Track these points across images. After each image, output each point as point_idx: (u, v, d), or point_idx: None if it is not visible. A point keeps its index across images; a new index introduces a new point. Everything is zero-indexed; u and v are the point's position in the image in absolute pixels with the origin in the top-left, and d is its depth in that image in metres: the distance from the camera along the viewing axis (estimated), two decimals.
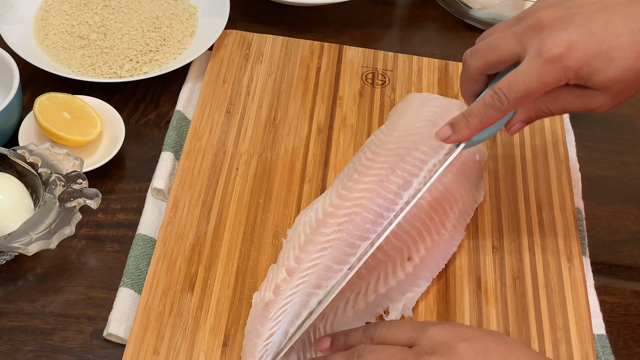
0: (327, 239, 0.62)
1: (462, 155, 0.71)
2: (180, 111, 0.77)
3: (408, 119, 0.72)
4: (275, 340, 0.57)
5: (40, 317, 0.62)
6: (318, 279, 0.60)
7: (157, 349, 0.59)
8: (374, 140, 0.71)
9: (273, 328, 0.58)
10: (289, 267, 0.61)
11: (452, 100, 0.75)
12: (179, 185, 0.69)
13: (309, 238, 0.62)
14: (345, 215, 0.63)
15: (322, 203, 0.66)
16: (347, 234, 0.62)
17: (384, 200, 0.64)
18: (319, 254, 0.61)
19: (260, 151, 0.73)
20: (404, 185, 0.65)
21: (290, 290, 0.59)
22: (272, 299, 0.59)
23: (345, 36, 0.91)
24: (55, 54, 0.80)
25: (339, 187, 0.66)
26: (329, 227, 0.62)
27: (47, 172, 0.64)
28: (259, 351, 0.57)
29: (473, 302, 0.64)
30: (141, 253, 0.66)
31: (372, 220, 0.63)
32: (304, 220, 0.65)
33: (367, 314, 0.61)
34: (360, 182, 0.66)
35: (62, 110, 0.72)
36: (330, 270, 0.60)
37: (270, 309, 0.58)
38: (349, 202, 0.64)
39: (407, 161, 0.67)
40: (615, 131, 0.83)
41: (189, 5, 0.88)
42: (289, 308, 0.58)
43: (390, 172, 0.66)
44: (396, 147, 0.68)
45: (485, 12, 0.91)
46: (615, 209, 0.76)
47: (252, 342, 0.58)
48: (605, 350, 0.64)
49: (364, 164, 0.67)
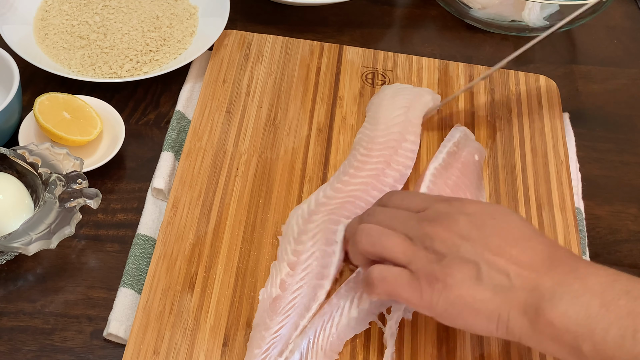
0: (317, 224, 0.64)
1: (462, 156, 0.71)
2: (180, 111, 0.77)
3: (386, 110, 0.74)
4: (283, 333, 0.58)
5: (40, 317, 0.62)
6: (320, 268, 0.61)
7: (157, 349, 0.59)
8: (363, 137, 0.73)
9: (282, 322, 0.59)
10: (289, 261, 0.62)
11: (423, 89, 0.78)
12: (179, 185, 0.69)
13: (301, 229, 0.64)
14: (337, 204, 0.65)
15: (315, 196, 0.67)
16: (335, 215, 0.64)
17: (379, 192, 0.66)
18: (312, 241, 0.63)
19: (260, 151, 0.73)
20: (400, 179, 0.68)
21: (296, 284, 0.60)
22: (280, 293, 0.60)
23: (345, 36, 0.91)
24: (55, 54, 0.80)
25: (335, 182, 0.68)
26: (320, 214, 0.64)
27: (47, 172, 0.64)
28: (266, 343, 0.58)
29: None
30: (141, 253, 0.66)
31: (363, 208, 0.65)
32: (297, 213, 0.66)
33: (370, 313, 0.61)
34: (356, 176, 0.68)
35: (62, 110, 0.72)
36: (326, 254, 0.61)
37: (278, 304, 0.59)
38: (343, 194, 0.66)
39: (400, 154, 0.70)
40: (615, 131, 0.83)
41: (189, 5, 0.88)
42: (297, 302, 0.59)
43: (386, 166, 0.68)
44: (386, 140, 0.71)
45: (485, 12, 0.91)
46: (615, 209, 0.76)
47: (260, 334, 0.58)
48: None
49: (360, 160, 0.69)
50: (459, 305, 0.52)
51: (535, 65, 0.89)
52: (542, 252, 0.52)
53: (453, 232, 0.53)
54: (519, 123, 0.78)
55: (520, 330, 0.51)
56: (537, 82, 0.83)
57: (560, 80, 0.86)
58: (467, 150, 0.72)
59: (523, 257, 0.52)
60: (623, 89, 0.88)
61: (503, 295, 0.51)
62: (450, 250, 0.53)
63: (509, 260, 0.52)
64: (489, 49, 0.91)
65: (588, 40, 0.94)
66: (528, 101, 0.81)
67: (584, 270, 0.51)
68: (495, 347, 0.61)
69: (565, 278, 0.50)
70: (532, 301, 0.50)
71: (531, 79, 0.83)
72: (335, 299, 0.61)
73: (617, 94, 0.88)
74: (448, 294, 0.52)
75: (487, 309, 0.51)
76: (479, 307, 0.52)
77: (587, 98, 0.87)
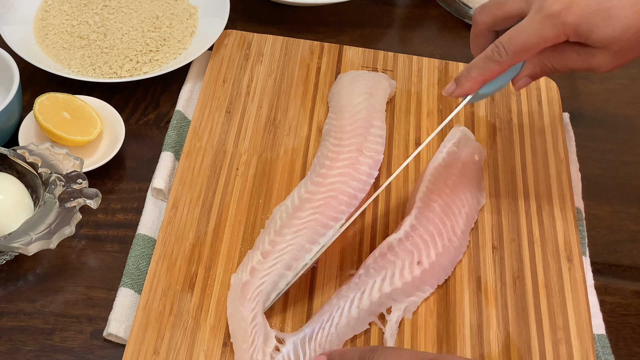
0: (302, 221, 0.64)
1: (462, 156, 0.71)
2: (180, 111, 0.77)
3: (347, 97, 0.75)
4: (259, 320, 0.59)
5: (40, 317, 0.62)
6: (290, 259, 0.62)
7: (157, 349, 0.59)
8: (330, 127, 0.74)
9: (254, 309, 0.59)
10: (264, 250, 0.63)
11: (379, 74, 0.79)
12: (179, 185, 0.69)
13: (285, 222, 0.65)
14: (321, 199, 0.66)
15: (297, 192, 0.68)
16: (322, 216, 0.65)
17: (358, 182, 0.67)
18: (294, 235, 0.63)
19: (260, 151, 0.73)
20: (374, 165, 0.69)
21: (265, 270, 0.61)
22: (249, 279, 0.61)
23: (345, 36, 0.91)
24: (55, 54, 0.80)
25: (313, 176, 0.69)
26: (305, 211, 0.65)
27: (47, 172, 0.64)
28: (249, 335, 0.58)
29: (473, 302, 0.64)
30: (141, 253, 0.66)
31: (347, 202, 0.66)
32: (281, 209, 0.67)
33: (370, 313, 0.61)
34: (333, 167, 0.69)
35: (62, 110, 0.72)
36: (303, 250, 0.63)
37: (247, 289, 0.60)
38: (324, 187, 0.67)
39: (369, 140, 0.71)
40: (615, 131, 0.83)
41: (189, 5, 0.88)
42: (263, 288, 0.61)
43: (359, 154, 0.69)
44: (354, 128, 0.72)
45: None
46: (615, 209, 0.76)
47: (239, 326, 0.59)
48: (605, 350, 0.64)
49: (333, 150, 0.70)
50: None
51: None
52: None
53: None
54: (519, 123, 0.78)
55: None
56: (536, 82, 0.83)
57: (560, 80, 0.86)
58: (467, 150, 0.72)
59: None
60: (623, 89, 0.88)
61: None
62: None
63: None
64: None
65: None
66: (528, 101, 0.81)
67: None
68: (495, 347, 0.61)
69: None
70: None
71: None
72: (335, 299, 0.61)
73: (617, 94, 0.88)
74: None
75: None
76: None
77: (587, 98, 0.87)
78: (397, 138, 0.76)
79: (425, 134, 0.76)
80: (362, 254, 0.66)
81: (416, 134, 0.77)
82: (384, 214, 0.70)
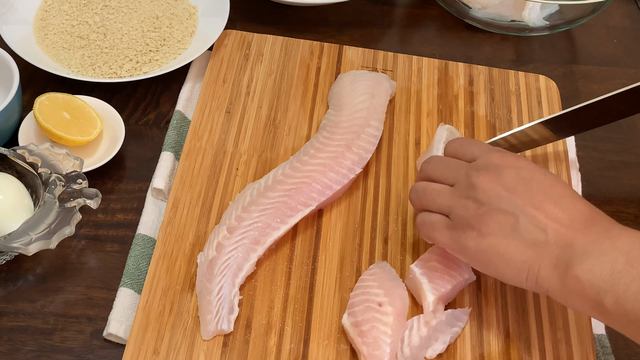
0: (271, 201, 0.65)
1: None
2: (180, 111, 0.77)
3: (348, 96, 0.75)
4: (225, 293, 0.60)
5: (40, 317, 0.62)
6: (258, 235, 0.63)
7: (157, 349, 0.59)
8: (327, 122, 0.73)
9: (220, 282, 0.60)
10: (230, 225, 0.63)
11: (380, 74, 0.79)
12: (179, 185, 0.69)
13: (253, 200, 0.65)
14: (294, 183, 0.66)
15: (273, 173, 0.68)
16: (291, 199, 0.65)
17: (336, 174, 0.68)
18: (261, 213, 0.64)
19: (260, 151, 0.73)
20: (359, 162, 0.69)
21: (231, 245, 0.62)
22: (215, 255, 0.62)
23: (345, 36, 0.91)
24: (55, 54, 0.80)
25: (294, 161, 0.69)
26: (275, 192, 0.66)
27: (47, 172, 0.64)
28: (214, 306, 0.59)
29: (473, 302, 0.64)
30: (141, 253, 0.66)
31: (319, 191, 0.67)
32: (253, 186, 0.67)
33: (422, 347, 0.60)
34: (315, 157, 0.69)
35: (62, 110, 0.72)
36: (269, 227, 0.63)
37: (214, 265, 0.61)
38: (300, 173, 0.67)
39: (362, 138, 0.71)
40: (615, 131, 0.83)
41: (189, 5, 0.88)
42: (231, 262, 0.61)
43: (346, 150, 0.69)
44: (350, 125, 0.72)
45: (485, 12, 0.91)
46: (615, 209, 0.76)
47: (206, 299, 0.60)
48: (605, 350, 0.64)
49: (322, 142, 0.70)
50: (490, 253, 0.55)
51: (535, 65, 0.89)
52: (581, 212, 0.54)
53: (497, 183, 0.56)
54: (519, 123, 0.78)
55: (549, 284, 0.53)
56: (536, 82, 0.83)
57: (560, 80, 0.86)
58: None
59: (563, 215, 0.54)
60: None
61: (537, 248, 0.54)
62: (490, 201, 0.56)
63: (549, 216, 0.54)
64: (488, 49, 0.91)
65: (588, 40, 0.94)
66: (528, 101, 0.81)
67: (617, 232, 0.53)
68: (495, 347, 0.62)
69: (598, 238, 0.52)
70: (564, 257, 0.52)
71: (531, 79, 0.83)
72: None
73: None
74: (481, 240, 0.55)
75: (519, 260, 0.54)
76: (511, 256, 0.54)
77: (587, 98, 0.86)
78: (397, 138, 0.76)
79: (425, 134, 0.76)
80: (362, 254, 0.66)
81: (416, 134, 0.77)
82: (384, 214, 0.70)
